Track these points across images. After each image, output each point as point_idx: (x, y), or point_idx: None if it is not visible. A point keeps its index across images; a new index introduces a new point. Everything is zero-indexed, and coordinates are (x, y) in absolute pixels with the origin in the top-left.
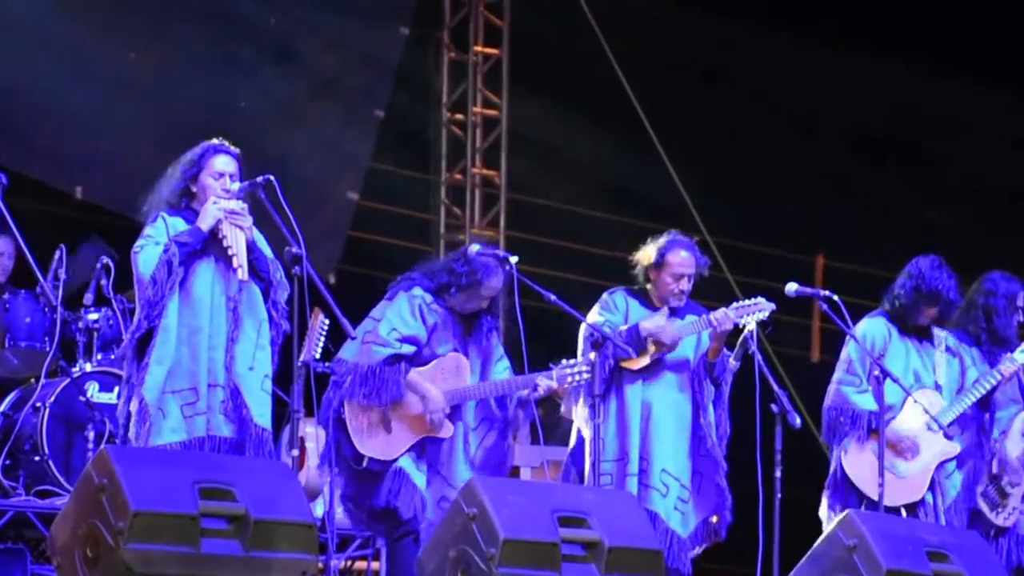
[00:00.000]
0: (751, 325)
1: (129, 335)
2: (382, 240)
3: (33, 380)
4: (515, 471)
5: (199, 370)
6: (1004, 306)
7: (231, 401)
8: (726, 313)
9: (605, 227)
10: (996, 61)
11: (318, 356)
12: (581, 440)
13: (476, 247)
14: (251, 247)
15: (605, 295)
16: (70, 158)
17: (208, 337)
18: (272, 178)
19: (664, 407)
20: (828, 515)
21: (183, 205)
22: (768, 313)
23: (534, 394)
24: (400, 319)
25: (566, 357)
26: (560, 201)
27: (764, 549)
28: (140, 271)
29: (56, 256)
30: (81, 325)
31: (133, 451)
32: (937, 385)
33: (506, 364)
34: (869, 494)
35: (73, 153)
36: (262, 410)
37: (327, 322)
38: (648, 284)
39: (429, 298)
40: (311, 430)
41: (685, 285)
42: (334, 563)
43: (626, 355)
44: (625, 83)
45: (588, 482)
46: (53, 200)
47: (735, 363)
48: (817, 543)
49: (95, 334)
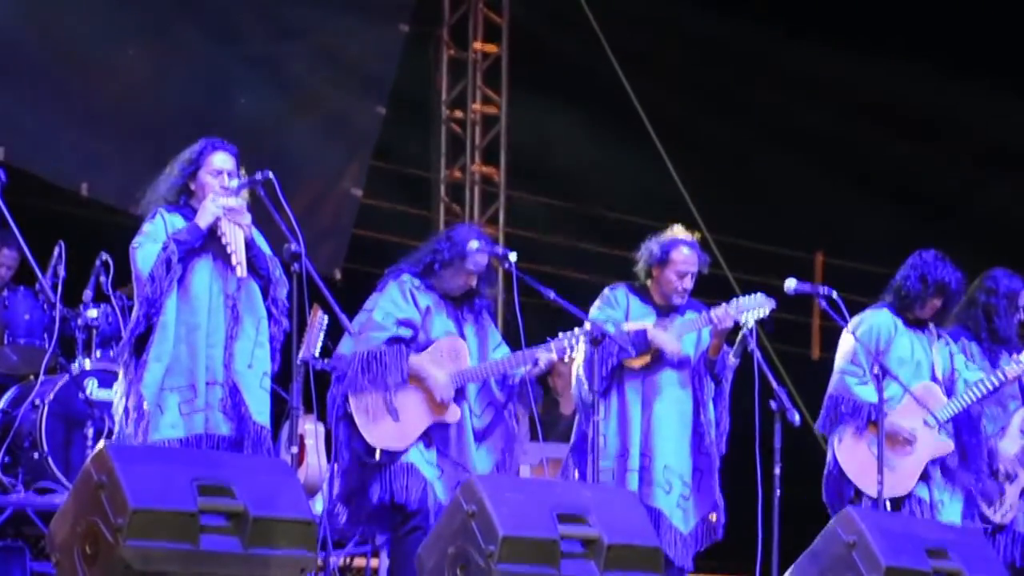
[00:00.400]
0: (750, 323)
1: (128, 332)
2: (383, 238)
3: (32, 377)
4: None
5: (197, 368)
6: (1005, 306)
7: (230, 399)
8: (727, 310)
9: (604, 224)
10: (996, 61)
11: (317, 353)
12: (581, 436)
13: (475, 244)
14: (250, 244)
15: (606, 291)
16: (75, 155)
17: (207, 335)
18: (271, 175)
19: (665, 404)
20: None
21: (181, 202)
22: (768, 311)
23: (535, 369)
24: (393, 304)
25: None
26: (559, 199)
27: (763, 546)
28: (139, 268)
29: (55, 253)
30: (80, 322)
31: (132, 448)
32: (935, 378)
33: (505, 350)
34: (860, 485)
35: (78, 150)
36: (261, 408)
37: (326, 319)
38: (649, 281)
39: (417, 282)
40: (310, 427)
41: (688, 283)
42: (333, 560)
43: (627, 354)
44: (624, 80)
45: (589, 478)
46: (56, 197)
47: (735, 360)
48: (816, 540)
49: (94, 331)
